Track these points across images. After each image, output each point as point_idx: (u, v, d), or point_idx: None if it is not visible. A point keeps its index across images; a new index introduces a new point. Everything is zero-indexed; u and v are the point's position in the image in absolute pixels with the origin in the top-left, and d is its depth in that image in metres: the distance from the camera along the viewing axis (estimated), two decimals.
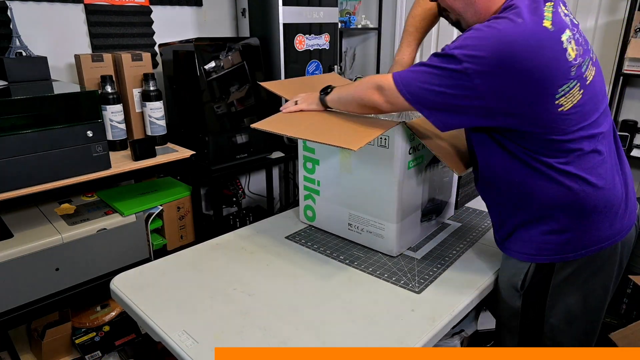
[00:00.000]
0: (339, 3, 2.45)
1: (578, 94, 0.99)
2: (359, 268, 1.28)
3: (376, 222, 1.34)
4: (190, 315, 1.08)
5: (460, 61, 0.95)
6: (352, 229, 1.41)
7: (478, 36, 0.96)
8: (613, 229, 1.09)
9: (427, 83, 1.01)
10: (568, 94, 0.98)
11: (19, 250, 1.47)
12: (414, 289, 1.19)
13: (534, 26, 0.95)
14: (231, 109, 2.06)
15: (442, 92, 0.99)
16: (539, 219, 1.10)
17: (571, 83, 0.98)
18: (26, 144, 1.43)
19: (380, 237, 1.34)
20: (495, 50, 0.93)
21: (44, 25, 1.92)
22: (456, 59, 0.95)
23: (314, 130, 1.21)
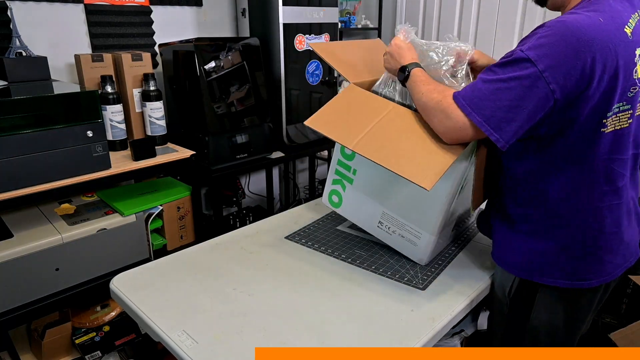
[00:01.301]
0: (339, 3, 2.45)
1: (625, 120, 0.94)
2: (361, 266, 1.29)
3: (412, 229, 1.27)
4: (189, 315, 1.08)
5: (535, 63, 0.88)
6: (382, 227, 1.34)
7: (553, 33, 0.88)
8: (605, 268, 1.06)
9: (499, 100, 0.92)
10: (615, 117, 0.93)
11: (19, 250, 1.47)
12: (418, 285, 1.19)
13: (614, 27, 0.88)
14: (231, 109, 2.06)
15: (517, 107, 0.91)
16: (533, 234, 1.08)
17: (624, 105, 0.92)
18: (26, 144, 1.43)
19: (413, 244, 1.29)
20: (571, 45, 0.86)
21: (44, 25, 1.91)
22: (530, 62, 0.88)
23: (377, 143, 1.10)
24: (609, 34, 0.87)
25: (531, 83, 0.89)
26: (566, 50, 0.86)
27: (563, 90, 0.88)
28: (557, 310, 1.11)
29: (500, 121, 0.93)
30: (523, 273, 1.11)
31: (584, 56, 0.86)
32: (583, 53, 0.86)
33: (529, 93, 0.89)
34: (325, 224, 1.55)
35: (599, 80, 0.88)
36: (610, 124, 0.94)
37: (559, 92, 0.89)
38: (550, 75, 0.87)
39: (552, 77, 0.87)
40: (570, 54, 0.86)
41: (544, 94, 0.89)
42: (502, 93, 0.92)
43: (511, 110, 0.91)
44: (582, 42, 0.86)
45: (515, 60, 0.90)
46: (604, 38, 0.86)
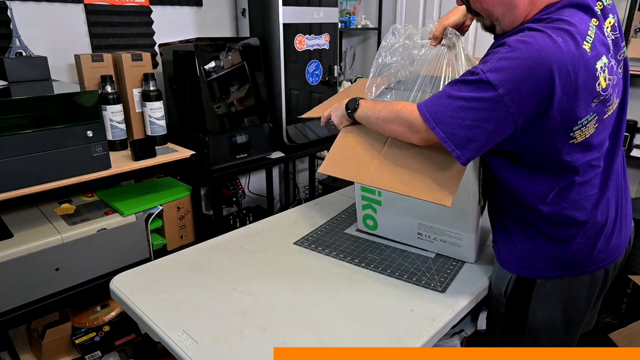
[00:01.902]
0: (339, 3, 2.45)
1: (592, 128, 0.96)
2: (360, 265, 1.29)
3: (452, 232, 1.30)
4: (189, 315, 1.08)
5: (496, 87, 0.88)
6: (423, 237, 1.36)
7: (515, 57, 0.88)
8: (598, 255, 1.08)
9: (462, 119, 0.93)
10: (584, 128, 0.94)
11: (19, 250, 1.47)
12: (437, 288, 1.19)
13: (574, 47, 0.88)
14: (231, 109, 2.06)
15: (478, 127, 0.92)
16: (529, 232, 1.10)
17: (590, 116, 0.94)
18: (26, 144, 1.43)
19: (457, 246, 1.31)
20: (532, 70, 0.87)
21: (44, 25, 1.91)
22: (491, 85, 0.89)
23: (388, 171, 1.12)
24: (569, 57, 0.87)
25: (492, 106, 0.90)
26: (526, 74, 0.87)
27: (522, 113, 0.90)
28: (553, 306, 1.11)
29: (462, 139, 0.95)
30: (520, 271, 1.12)
31: (543, 81, 0.87)
32: (542, 78, 0.87)
33: (490, 115, 0.91)
34: (332, 228, 1.53)
35: (559, 103, 0.89)
36: (579, 135, 0.96)
37: (519, 115, 0.90)
38: (510, 99, 0.89)
39: (511, 101, 0.89)
40: (530, 79, 0.87)
41: (504, 117, 0.90)
42: (464, 112, 0.93)
43: (472, 129, 0.93)
44: (543, 67, 0.86)
45: (478, 82, 0.91)
46: (564, 62, 0.87)
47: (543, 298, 1.11)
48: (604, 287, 1.16)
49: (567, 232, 1.06)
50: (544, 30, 0.89)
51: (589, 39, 0.90)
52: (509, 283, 1.14)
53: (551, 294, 1.11)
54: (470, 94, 0.92)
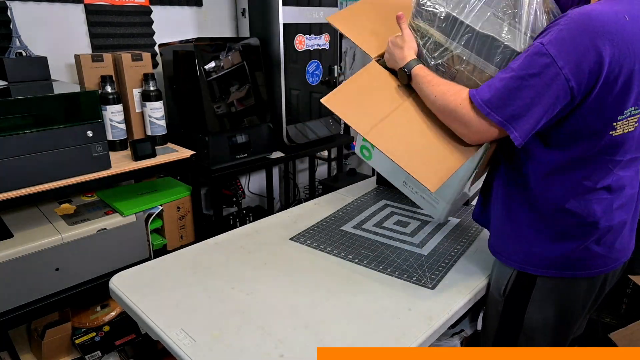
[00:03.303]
0: (339, 3, 2.45)
1: (632, 125, 0.93)
2: (368, 267, 1.29)
3: (431, 195, 1.39)
4: (188, 314, 1.08)
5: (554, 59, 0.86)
6: (407, 187, 1.45)
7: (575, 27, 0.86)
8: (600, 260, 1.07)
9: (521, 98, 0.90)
10: (626, 120, 0.92)
11: (19, 250, 1.47)
12: (427, 284, 1.20)
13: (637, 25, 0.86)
14: (231, 109, 2.06)
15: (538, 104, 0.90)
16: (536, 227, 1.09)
17: (635, 109, 0.91)
18: (26, 144, 1.43)
19: (433, 207, 1.41)
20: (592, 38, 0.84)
21: (44, 25, 1.92)
22: (550, 57, 0.86)
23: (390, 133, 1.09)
24: (632, 34, 0.85)
25: (551, 79, 0.87)
26: (586, 44, 0.84)
27: (580, 85, 0.87)
28: (550, 307, 1.11)
29: (519, 119, 0.92)
30: (521, 266, 1.11)
31: (603, 51, 0.84)
32: (603, 47, 0.84)
33: (548, 90, 0.88)
34: (329, 224, 1.55)
35: (614, 80, 0.87)
36: (619, 127, 0.93)
37: (577, 89, 0.88)
38: (570, 72, 0.86)
39: (571, 74, 0.86)
40: (591, 48, 0.84)
41: (563, 90, 0.88)
42: (522, 91, 0.90)
43: (530, 107, 0.90)
44: (604, 36, 0.84)
45: (535, 55, 0.88)
46: (625, 37, 0.84)
47: (542, 298, 1.11)
48: (601, 294, 1.16)
49: (574, 232, 1.05)
50: (609, 6, 0.87)
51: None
52: (509, 281, 1.14)
53: (550, 294, 1.10)
54: (527, 71, 0.89)
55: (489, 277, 1.24)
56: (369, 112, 1.12)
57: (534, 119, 0.91)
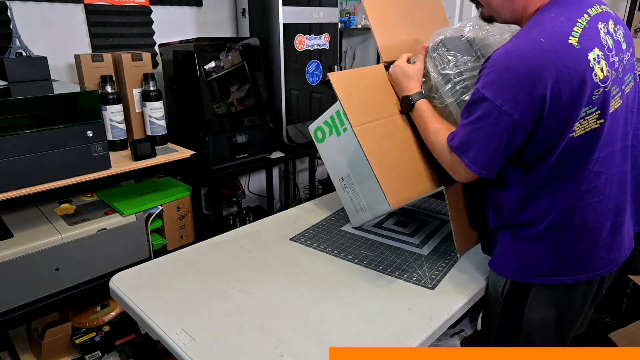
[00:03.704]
0: (339, 3, 2.45)
1: (594, 122, 0.96)
2: (368, 267, 1.29)
3: (361, 202, 1.44)
4: (188, 313, 1.08)
5: (492, 100, 0.94)
6: (341, 183, 1.50)
7: (498, 68, 0.94)
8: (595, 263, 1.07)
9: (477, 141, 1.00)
10: (583, 120, 0.95)
11: (19, 250, 1.47)
12: (427, 285, 1.20)
13: (558, 43, 0.91)
14: (231, 109, 2.06)
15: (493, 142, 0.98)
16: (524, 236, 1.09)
17: (591, 108, 0.94)
18: (26, 144, 1.43)
19: (356, 212, 1.49)
20: (518, 76, 0.92)
21: (44, 25, 1.92)
22: (488, 99, 0.95)
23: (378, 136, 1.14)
24: (553, 53, 0.90)
25: (496, 119, 0.95)
26: (515, 81, 0.92)
27: (525, 116, 0.94)
28: (549, 309, 1.11)
29: (482, 158, 1.00)
30: (515, 276, 1.11)
31: (534, 81, 0.91)
32: (532, 79, 0.91)
33: (497, 128, 0.96)
34: (329, 225, 1.55)
35: (557, 98, 0.92)
36: (578, 128, 0.96)
37: (524, 120, 0.94)
38: (510, 107, 0.93)
39: (512, 109, 0.93)
40: (520, 84, 0.92)
41: (511, 125, 0.95)
42: (476, 133, 0.99)
43: (489, 147, 0.99)
44: (529, 70, 0.91)
45: (477, 101, 0.97)
46: (548, 58, 0.90)
47: (538, 301, 1.11)
48: (599, 293, 1.16)
49: (565, 238, 1.05)
50: (524, 37, 0.94)
51: (575, 32, 0.93)
52: (505, 285, 1.14)
53: (547, 298, 1.10)
54: (475, 116, 0.98)
55: (487, 279, 1.24)
56: (367, 108, 1.15)
57: (493, 155, 1.00)
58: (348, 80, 1.15)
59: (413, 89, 1.17)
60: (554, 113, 0.93)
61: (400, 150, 1.17)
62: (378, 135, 1.14)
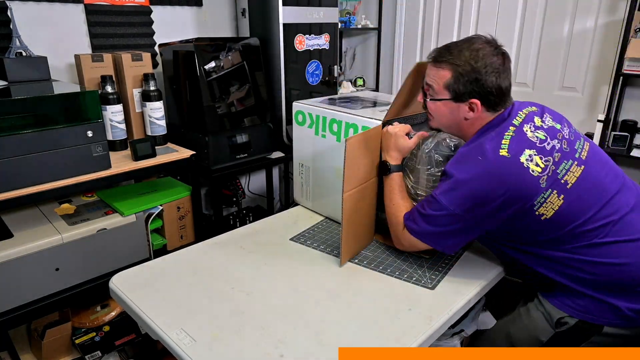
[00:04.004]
0: (339, 3, 2.45)
1: (558, 200, 1.07)
2: (362, 264, 1.29)
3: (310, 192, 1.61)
4: (188, 313, 1.08)
5: (447, 207, 1.11)
6: (299, 167, 1.64)
7: (455, 183, 1.10)
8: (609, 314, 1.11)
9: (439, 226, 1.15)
10: (545, 203, 1.06)
11: (19, 250, 1.47)
12: (427, 285, 1.20)
13: (493, 158, 1.07)
14: (231, 109, 2.06)
15: (447, 231, 1.15)
16: None
17: (545, 193, 1.06)
18: (26, 144, 1.43)
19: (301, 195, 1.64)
20: (470, 193, 1.08)
21: (44, 25, 1.92)
22: (443, 206, 1.12)
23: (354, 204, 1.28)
24: (492, 166, 1.07)
25: (454, 219, 1.12)
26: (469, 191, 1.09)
27: (483, 218, 1.10)
28: None
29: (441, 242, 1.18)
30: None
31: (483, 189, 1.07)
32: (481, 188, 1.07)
33: (458, 224, 1.13)
34: (329, 225, 1.55)
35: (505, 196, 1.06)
36: (546, 210, 1.07)
37: (481, 220, 1.11)
38: (466, 212, 1.10)
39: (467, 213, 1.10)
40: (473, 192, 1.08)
41: (471, 223, 1.12)
42: (430, 224, 1.16)
43: (448, 235, 1.16)
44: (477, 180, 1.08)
45: (434, 202, 1.14)
46: (490, 169, 1.07)
47: None
48: None
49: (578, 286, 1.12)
50: (474, 157, 1.10)
51: (503, 146, 1.08)
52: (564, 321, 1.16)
53: None
54: (435, 212, 1.14)
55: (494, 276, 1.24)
56: (359, 173, 1.27)
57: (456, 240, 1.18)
58: (357, 145, 1.24)
59: (395, 160, 1.31)
60: (508, 206, 1.07)
61: (362, 213, 1.35)
62: (355, 200, 1.28)
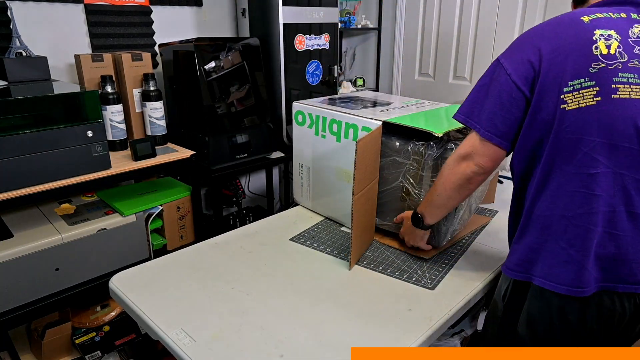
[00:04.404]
0: (339, 3, 2.45)
1: (590, 99, 0.91)
2: (362, 265, 1.29)
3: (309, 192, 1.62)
4: (188, 314, 1.08)
5: (499, 60, 1.02)
6: (299, 168, 1.64)
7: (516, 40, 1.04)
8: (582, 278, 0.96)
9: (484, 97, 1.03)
10: (577, 93, 0.92)
11: (19, 250, 1.47)
12: (427, 285, 1.20)
13: (568, 17, 0.98)
14: (231, 109, 2.06)
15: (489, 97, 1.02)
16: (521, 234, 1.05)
17: (585, 81, 0.91)
18: (26, 144, 1.43)
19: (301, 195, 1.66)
20: (522, 42, 1.01)
21: (44, 25, 1.92)
22: (497, 60, 1.02)
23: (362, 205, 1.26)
24: (557, 24, 0.98)
25: (496, 76, 1.01)
26: (518, 45, 1.02)
27: (519, 75, 0.98)
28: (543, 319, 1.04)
29: (476, 114, 1.04)
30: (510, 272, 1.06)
31: (531, 46, 0.98)
32: (530, 44, 0.99)
33: (495, 84, 1.01)
34: (329, 225, 1.55)
35: (548, 61, 0.96)
36: (570, 100, 0.93)
37: (516, 77, 0.98)
38: (508, 64, 1.00)
39: (509, 66, 0.99)
40: (520, 46, 1.01)
41: (505, 80, 0.99)
42: (479, 93, 1.05)
43: (484, 103, 1.03)
44: (531, 36, 1.00)
45: (491, 65, 1.05)
46: (550, 28, 0.99)
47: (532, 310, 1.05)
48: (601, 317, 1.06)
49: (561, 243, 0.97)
50: None
51: (592, 16, 0.97)
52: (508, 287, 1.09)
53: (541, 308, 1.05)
54: (485, 78, 1.04)
55: (494, 276, 1.24)
56: (366, 174, 1.26)
57: (488, 111, 1.02)
58: (366, 147, 1.23)
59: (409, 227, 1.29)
60: (546, 76, 0.95)
61: (367, 215, 1.33)
62: (363, 201, 1.27)
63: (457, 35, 2.98)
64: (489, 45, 2.82)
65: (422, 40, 3.20)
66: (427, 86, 3.22)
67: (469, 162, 1.06)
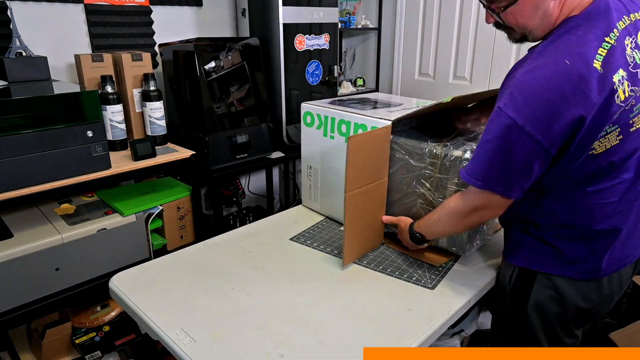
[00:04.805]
0: (339, 3, 2.45)
1: (615, 140, 0.95)
2: (362, 264, 1.29)
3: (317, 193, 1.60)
4: (188, 313, 1.08)
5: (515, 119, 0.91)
6: (308, 170, 1.62)
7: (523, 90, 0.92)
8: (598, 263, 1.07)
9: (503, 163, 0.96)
10: (604, 139, 0.94)
11: (19, 250, 1.47)
12: (427, 285, 1.20)
13: (583, 67, 0.89)
14: (231, 109, 2.06)
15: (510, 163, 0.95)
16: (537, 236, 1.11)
17: (610, 127, 0.93)
18: (26, 144, 1.43)
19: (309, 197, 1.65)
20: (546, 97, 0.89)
21: (44, 25, 1.92)
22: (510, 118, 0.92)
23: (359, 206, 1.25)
24: (577, 78, 0.89)
25: (516, 137, 0.92)
26: (540, 101, 0.90)
27: (548, 138, 0.91)
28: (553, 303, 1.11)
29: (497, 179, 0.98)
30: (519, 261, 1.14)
31: (558, 103, 0.89)
32: (556, 101, 0.89)
33: (515, 148, 0.93)
34: (329, 225, 1.55)
35: (576, 119, 0.90)
36: (598, 146, 0.95)
37: (546, 142, 0.91)
38: (532, 128, 0.90)
39: (534, 129, 0.90)
40: (545, 104, 0.89)
41: (532, 146, 0.92)
42: (494, 154, 0.96)
43: (505, 166, 0.96)
44: (554, 91, 0.89)
45: (496, 118, 0.94)
46: (573, 84, 0.88)
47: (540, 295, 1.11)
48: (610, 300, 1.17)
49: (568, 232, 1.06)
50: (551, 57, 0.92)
51: (599, 56, 0.90)
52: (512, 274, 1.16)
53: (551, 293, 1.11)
54: (492, 134, 0.95)
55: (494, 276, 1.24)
56: (363, 173, 1.24)
57: (512, 177, 0.97)
58: (361, 145, 1.21)
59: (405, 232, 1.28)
60: (579, 136, 0.92)
61: (367, 215, 1.31)
62: (359, 201, 1.25)
63: (457, 35, 2.98)
64: (489, 45, 2.82)
65: (422, 40, 3.20)
66: (427, 86, 3.22)
67: (483, 212, 1.06)
